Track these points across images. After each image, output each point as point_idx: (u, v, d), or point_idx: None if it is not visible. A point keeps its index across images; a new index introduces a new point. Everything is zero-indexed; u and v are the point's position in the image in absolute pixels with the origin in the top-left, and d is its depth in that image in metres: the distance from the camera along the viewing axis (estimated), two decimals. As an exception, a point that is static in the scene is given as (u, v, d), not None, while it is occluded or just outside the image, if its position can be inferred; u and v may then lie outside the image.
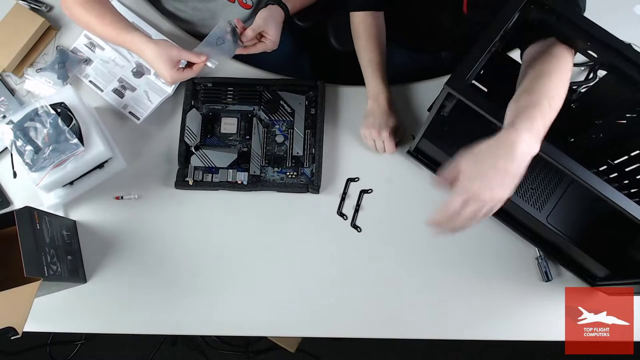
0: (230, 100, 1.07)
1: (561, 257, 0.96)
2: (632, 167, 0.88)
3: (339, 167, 1.04)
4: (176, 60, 0.92)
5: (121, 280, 0.97)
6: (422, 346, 1.69)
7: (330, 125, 1.07)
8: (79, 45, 1.12)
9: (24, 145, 0.91)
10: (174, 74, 0.92)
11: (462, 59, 0.73)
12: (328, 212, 1.01)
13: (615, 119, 0.85)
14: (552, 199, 0.93)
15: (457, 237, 0.98)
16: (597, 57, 0.75)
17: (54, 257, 0.86)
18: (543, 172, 0.94)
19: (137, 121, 1.07)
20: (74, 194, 1.00)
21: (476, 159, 0.69)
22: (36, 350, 1.66)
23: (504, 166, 0.67)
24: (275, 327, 0.97)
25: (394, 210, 1.01)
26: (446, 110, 0.81)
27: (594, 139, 0.90)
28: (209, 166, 1.02)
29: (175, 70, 0.92)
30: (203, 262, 0.98)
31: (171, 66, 0.91)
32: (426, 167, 1.02)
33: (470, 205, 0.69)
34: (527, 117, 0.69)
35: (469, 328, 0.96)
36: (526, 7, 0.75)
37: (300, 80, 1.09)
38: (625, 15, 1.16)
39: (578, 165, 0.71)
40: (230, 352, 1.67)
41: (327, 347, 1.68)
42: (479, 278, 0.97)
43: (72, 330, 0.97)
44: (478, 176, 0.68)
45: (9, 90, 1.08)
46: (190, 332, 0.98)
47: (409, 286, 0.97)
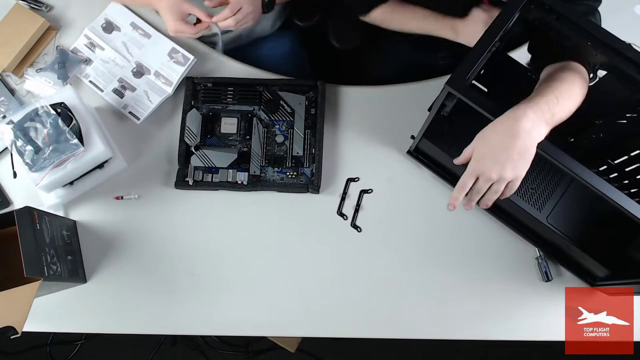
0: (230, 100, 1.07)
1: (561, 257, 0.96)
2: (632, 167, 0.88)
3: (339, 167, 1.04)
4: (186, 12, 0.96)
5: (121, 280, 0.97)
6: (422, 346, 1.69)
7: (330, 125, 1.07)
8: (79, 45, 1.12)
9: (24, 145, 0.91)
10: (178, 24, 0.97)
11: (463, 59, 0.73)
12: (328, 212, 1.01)
13: (615, 119, 0.85)
14: (552, 199, 0.93)
15: (457, 237, 1.00)
16: (596, 57, 0.75)
17: (54, 257, 0.86)
18: (543, 172, 0.94)
19: (137, 121, 1.07)
20: (74, 194, 1.00)
21: (484, 138, 0.72)
22: (36, 350, 1.65)
23: (509, 144, 0.69)
24: (275, 327, 0.97)
25: (394, 210, 1.01)
26: (446, 110, 0.81)
27: (594, 139, 0.90)
28: (209, 166, 1.02)
29: (180, 22, 0.97)
30: (203, 262, 0.98)
31: (178, 17, 0.96)
32: (426, 167, 1.02)
33: (482, 183, 0.73)
34: (532, 101, 0.71)
35: (469, 328, 0.96)
36: (526, 7, 0.75)
37: (300, 80, 1.09)
38: (625, 15, 1.16)
39: (578, 165, 0.71)
40: (230, 352, 1.67)
41: (327, 347, 1.68)
42: (479, 278, 0.97)
43: (72, 330, 0.97)
44: (485, 156, 0.72)
45: (9, 90, 1.08)
46: (190, 332, 0.98)
47: (409, 286, 0.97)
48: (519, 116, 0.69)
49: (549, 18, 0.74)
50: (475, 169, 0.73)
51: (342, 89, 1.10)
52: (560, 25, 0.74)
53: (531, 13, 0.75)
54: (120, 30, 1.12)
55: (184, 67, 1.07)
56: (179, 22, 0.97)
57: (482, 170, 0.72)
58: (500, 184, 0.73)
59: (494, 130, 0.71)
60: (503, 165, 0.70)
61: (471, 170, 0.73)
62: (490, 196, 0.75)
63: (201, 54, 1.11)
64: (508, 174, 0.71)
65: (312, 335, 0.97)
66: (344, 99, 1.09)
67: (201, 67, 1.11)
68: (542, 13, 0.75)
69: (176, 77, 1.07)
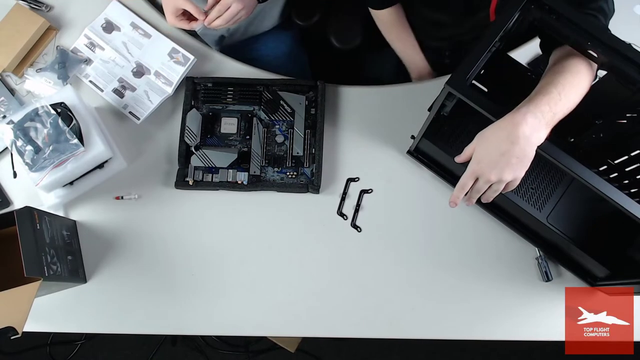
0: (231, 100, 1.07)
1: (561, 257, 0.96)
2: (632, 167, 0.88)
3: (339, 167, 1.04)
4: (180, 7, 0.99)
5: (121, 280, 0.97)
6: (422, 346, 1.69)
7: (330, 125, 1.07)
8: (79, 45, 1.12)
9: (24, 145, 0.91)
10: (172, 18, 1.01)
11: (463, 59, 0.73)
12: (328, 212, 1.01)
13: (615, 119, 0.85)
14: (552, 199, 0.93)
15: (457, 237, 0.99)
16: (597, 57, 0.75)
17: (54, 257, 0.86)
18: (543, 172, 0.94)
19: (137, 121, 1.07)
20: (74, 194, 1.00)
21: (484, 142, 0.73)
22: (36, 350, 1.65)
23: (507, 149, 0.70)
24: (275, 327, 0.97)
25: (394, 210, 1.01)
26: (446, 110, 0.81)
27: (594, 139, 0.90)
28: (209, 166, 1.02)
29: (174, 16, 1.01)
30: (203, 262, 0.98)
31: (171, 12, 1.00)
32: (426, 167, 1.02)
33: (482, 184, 0.74)
34: (533, 103, 0.71)
35: (469, 328, 0.96)
36: (526, 7, 0.75)
37: (300, 80, 1.08)
38: (625, 15, 1.16)
39: (579, 165, 0.71)
40: (230, 352, 1.67)
41: (327, 347, 1.68)
42: (479, 278, 0.97)
43: (72, 330, 0.96)
44: (483, 159, 0.73)
45: (9, 90, 1.08)
46: (190, 332, 0.98)
47: (409, 286, 0.97)
48: (518, 121, 0.69)
49: (549, 18, 0.74)
50: (475, 170, 0.74)
51: (342, 89, 1.10)
52: (560, 25, 0.74)
53: (531, 13, 0.75)
54: (120, 30, 1.12)
55: (184, 67, 1.07)
56: (173, 16, 1.01)
57: (481, 172, 0.73)
58: (499, 185, 0.74)
59: (493, 133, 0.72)
60: (502, 169, 0.71)
61: (471, 171, 0.75)
62: (490, 194, 0.76)
63: (201, 54, 1.11)
64: (506, 176, 0.72)
65: (312, 335, 0.97)
66: (344, 99, 1.09)
67: (201, 67, 1.11)
68: (542, 13, 0.75)
69: (176, 77, 1.07)
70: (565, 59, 0.77)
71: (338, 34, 1.27)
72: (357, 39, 1.25)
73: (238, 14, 0.99)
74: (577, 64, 0.76)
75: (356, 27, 1.25)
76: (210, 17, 0.98)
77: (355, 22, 1.25)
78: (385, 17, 1.15)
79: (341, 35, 1.27)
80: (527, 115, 0.69)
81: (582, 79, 0.76)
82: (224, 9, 0.97)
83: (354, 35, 1.25)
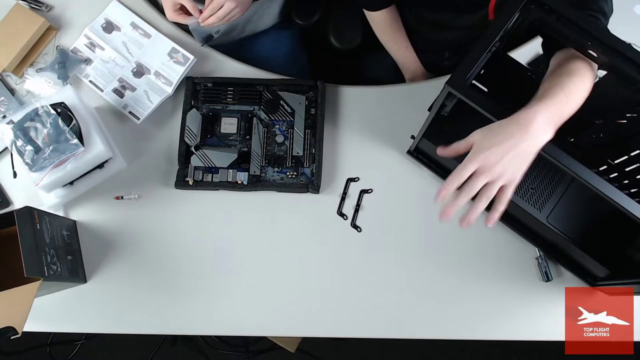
0: (230, 100, 1.07)
1: (561, 257, 0.96)
2: (632, 167, 0.88)
3: (339, 167, 1.04)
4: (178, 2, 1.02)
5: (121, 280, 0.97)
6: (422, 346, 1.69)
7: (330, 125, 1.07)
8: (79, 45, 1.12)
9: (24, 145, 0.91)
10: (170, 13, 1.04)
11: (463, 59, 0.73)
12: (328, 212, 1.01)
13: (615, 119, 0.85)
14: (552, 199, 0.93)
15: (457, 237, 0.99)
16: (597, 57, 0.75)
17: (54, 257, 0.86)
18: (543, 172, 0.94)
19: (137, 121, 1.07)
20: (74, 194, 1.00)
21: (491, 132, 0.70)
22: (36, 350, 1.65)
23: (517, 141, 0.68)
24: (275, 327, 0.97)
25: (394, 210, 1.01)
26: (446, 110, 0.81)
27: (594, 139, 0.90)
28: (209, 166, 1.02)
29: (172, 11, 1.04)
30: (203, 262, 0.98)
31: (169, 7, 1.04)
32: (426, 167, 1.02)
33: (481, 178, 0.69)
34: (542, 103, 0.70)
35: (469, 328, 0.96)
36: (526, 7, 0.75)
37: (300, 80, 1.08)
38: (625, 15, 1.16)
39: (578, 164, 0.71)
40: (230, 352, 1.67)
41: (327, 347, 1.68)
42: (479, 278, 0.97)
43: (72, 330, 0.96)
44: (491, 147, 0.68)
45: (9, 90, 1.08)
46: (190, 332, 0.98)
47: (409, 286, 0.97)
48: (531, 119, 0.68)
49: (549, 18, 0.74)
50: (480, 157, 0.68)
51: (342, 89, 1.10)
52: (560, 25, 0.74)
53: (531, 13, 0.75)
54: (120, 30, 1.12)
55: (184, 67, 1.07)
56: (172, 10, 1.04)
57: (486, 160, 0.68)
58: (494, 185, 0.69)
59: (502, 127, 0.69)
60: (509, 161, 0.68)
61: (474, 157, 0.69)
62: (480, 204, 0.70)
63: (201, 54, 1.11)
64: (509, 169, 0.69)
65: (312, 335, 0.97)
66: (344, 99, 1.09)
67: (201, 67, 1.11)
68: (542, 13, 0.75)
69: (176, 77, 1.07)
70: (571, 62, 0.77)
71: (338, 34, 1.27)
72: (357, 39, 1.25)
73: (231, 12, 0.99)
74: (582, 68, 0.76)
75: (356, 27, 1.25)
76: (203, 15, 1.00)
77: (355, 21, 1.25)
78: (379, 18, 1.15)
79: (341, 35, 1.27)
80: (537, 114, 0.68)
81: (587, 83, 0.75)
82: (217, 7, 0.98)
83: (354, 35, 1.25)
